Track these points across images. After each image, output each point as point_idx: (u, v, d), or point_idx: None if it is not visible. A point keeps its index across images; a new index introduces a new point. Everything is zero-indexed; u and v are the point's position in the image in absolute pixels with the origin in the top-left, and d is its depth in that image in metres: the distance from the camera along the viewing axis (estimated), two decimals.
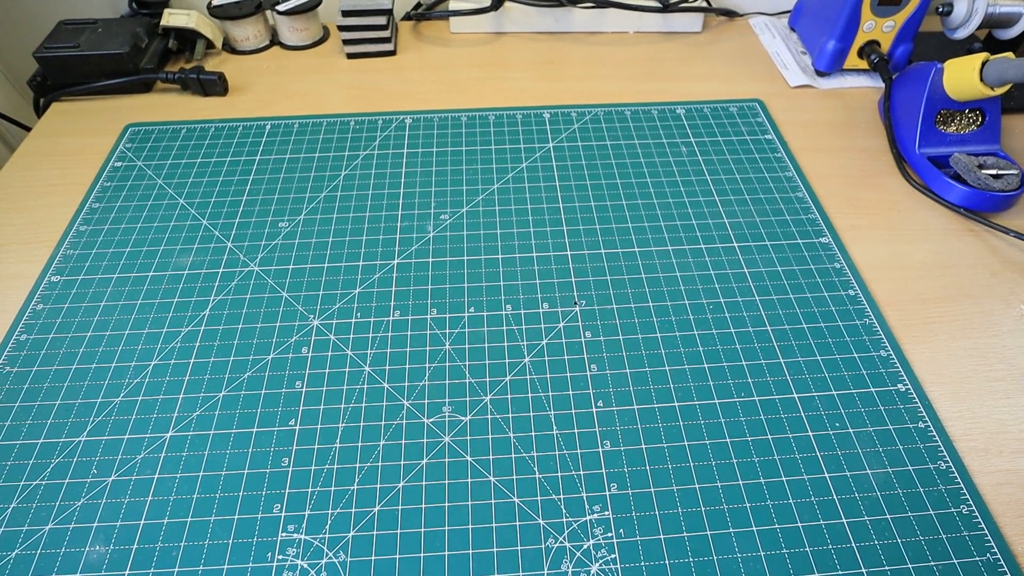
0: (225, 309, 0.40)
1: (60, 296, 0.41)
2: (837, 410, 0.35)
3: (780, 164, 0.50)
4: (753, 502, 0.32)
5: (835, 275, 0.42)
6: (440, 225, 0.45)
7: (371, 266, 0.43)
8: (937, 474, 0.33)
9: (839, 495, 0.32)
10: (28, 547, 0.31)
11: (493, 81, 0.59)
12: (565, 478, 0.33)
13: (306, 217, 0.46)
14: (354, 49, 0.62)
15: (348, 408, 0.36)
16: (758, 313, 0.40)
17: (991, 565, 0.30)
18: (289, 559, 0.30)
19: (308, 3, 0.60)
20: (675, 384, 0.37)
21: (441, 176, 0.49)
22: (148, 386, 0.37)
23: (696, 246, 0.44)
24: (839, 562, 0.30)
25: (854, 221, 0.46)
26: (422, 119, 0.54)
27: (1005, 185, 0.45)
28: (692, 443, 0.34)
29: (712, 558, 0.30)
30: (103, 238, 0.45)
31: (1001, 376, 0.37)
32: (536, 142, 0.52)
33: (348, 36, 0.61)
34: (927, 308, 0.41)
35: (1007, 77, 0.44)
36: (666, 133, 0.53)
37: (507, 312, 0.40)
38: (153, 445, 0.34)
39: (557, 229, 0.45)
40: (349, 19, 0.60)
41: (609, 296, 0.41)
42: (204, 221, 0.46)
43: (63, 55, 0.55)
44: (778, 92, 0.58)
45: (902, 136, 0.51)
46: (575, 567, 0.30)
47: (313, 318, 0.40)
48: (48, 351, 0.38)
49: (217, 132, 0.53)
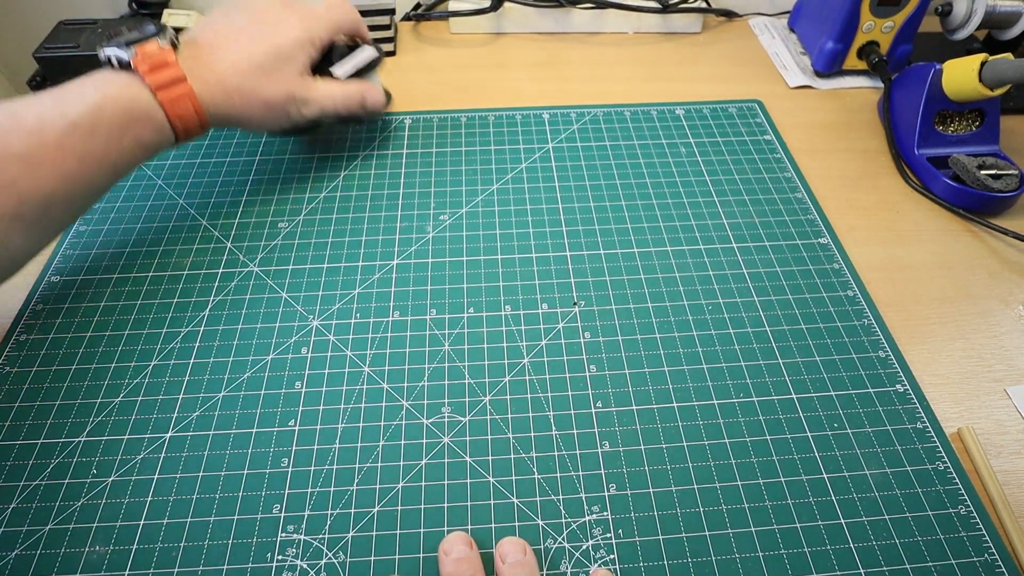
0: (225, 309, 0.40)
1: (60, 296, 0.41)
2: (835, 411, 0.36)
3: (779, 165, 0.50)
4: (751, 503, 0.32)
5: (834, 276, 0.42)
6: (440, 225, 0.46)
7: (371, 266, 0.43)
8: (935, 475, 0.33)
9: (837, 496, 0.32)
10: (28, 547, 0.31)
11: (493, 81, 0.59)
12: (564, 479, 0.33)
13: (306, 217, 0.46)
14: None
15: (347, 409, 0.36)
16: (757, 314, 0.40)
17: (989, 566, 0.30)
18: (289, 559, 0.30)
19: (368, 64, 0.47)
20: (674, 385, 0.37)
21: (441, 176, 0.49)
22: (148, 386, 0.37)
23: (695, 247, 0.44)
24: (837, 563, 0.30)
25: (853, 222, 0.46)
26: (422, 119, 0.54)
27: (1005, 186, 0.45)
28: (691, 444, 0.34)
29: (711, 559, 0.30)
30: (103, 238, 0.45)
31: (1000, 377, 0.37)
32: (536, 142, 0.52)
33: None
34: (926, 309, 0.41)
35: (1006, 78, 0.44)
36: (665, 134, 0.53)
37: (506, 313, 0.40)
38: (153, 445, 0.34)
39: (557, 230, 0.45)
40: None
41: (608, 297, 0.41)
42: (204, 221, 0.46)
43: (63, 55, 0.55)
44: (777, 93, 0.58)
45: (901, 137, 0.51)
46: (574, 567, 0.30)
47: (313, 318, 0.40)
48: (48, 351, 0.38)
49: (217, 132, 0.53)
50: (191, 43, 0.40)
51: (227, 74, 0.40)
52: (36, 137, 0.33)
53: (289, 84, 0.42)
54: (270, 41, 0.41)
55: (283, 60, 0.41)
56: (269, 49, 0.41)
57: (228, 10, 0.43)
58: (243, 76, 0.40)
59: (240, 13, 0.43)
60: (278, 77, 0.41)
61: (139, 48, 0.37)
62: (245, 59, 0.40)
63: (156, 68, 0.37)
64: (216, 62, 0.40)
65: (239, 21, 0.42)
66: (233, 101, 0.40)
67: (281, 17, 0.43)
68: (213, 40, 0.41)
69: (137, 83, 0.37)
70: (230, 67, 0.40)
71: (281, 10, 0.43)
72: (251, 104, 0.41)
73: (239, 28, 0.42)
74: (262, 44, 0.41)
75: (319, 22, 0.44)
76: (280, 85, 0.41)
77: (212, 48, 0.40)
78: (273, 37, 0.42)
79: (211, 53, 0.40)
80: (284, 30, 0.42)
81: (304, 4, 0.44)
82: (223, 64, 0.40)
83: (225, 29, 0.42)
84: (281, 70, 0.41)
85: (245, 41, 0.41)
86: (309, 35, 0.43)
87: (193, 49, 0.40)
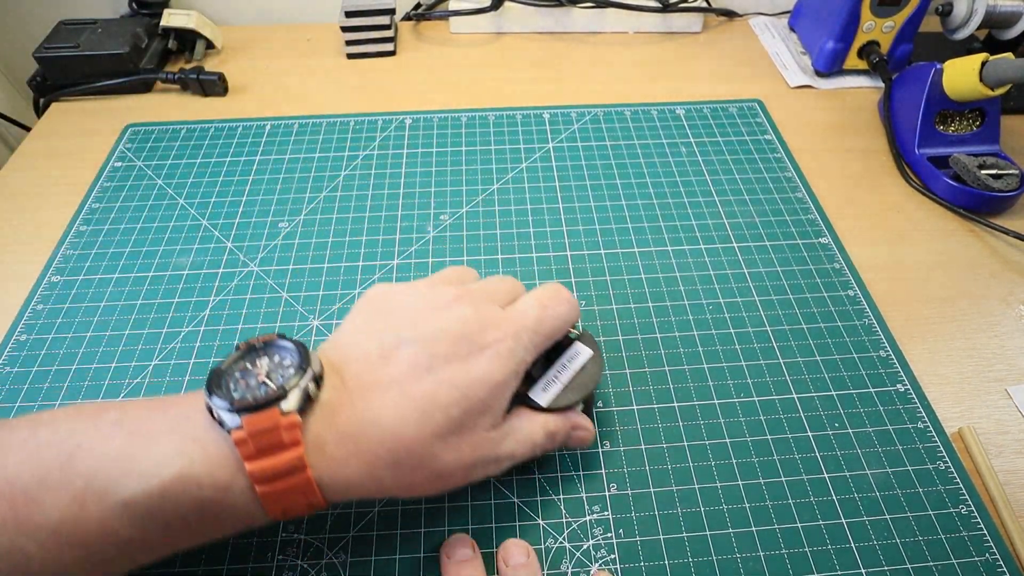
0: (225, 309, 0.40)
1: (60, 296, 0.41)
2: (836, 410, 0.35)
3: (780, 164, 0.50)
4: (752, 502, 0.32)
5: (834, 275, 0.42)
6: (440, 225, 0.46)
7: (371, 266, 0.43)
8: (936, 474, 0.33)
9: (838, 495, 0.32)
10: None
11: (493, 81, 0.59)
12: (565, 478, 0.33)
13: (306, 217, 0.46)
14: (354, 49, 0.62)
15: None
16: (757, 313, 0.40)
17: (990, 565, 0.30)
18: (289, 559, 0.30)
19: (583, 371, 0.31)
20: (674, 384, 0.37)
21: (441, 176, 0.49)
22: (148, 386, 0.37)
23: (696, 246, 0.44)
24: (838, 562, 0.30)
25: (854, 221, 0.46)
26: (422, 119, 0.54)
27: (1005, 185, 0.45)
28: (691, 444, 0.34)
29: (711, 558, 0.30)
30: (103, 238, 0.45)
31: (1000, 376, 0.37)
32: (536, 142, 0.52)
33: (351, 36, 0.61)
34: (926, 308, 0.41)
35: (1006, 77, 0.44)
36: (666, 133, 0.53)
37: None
38: None
39: (557, 229, 0.45)
40: (352, 20, 0.60)
41: (609, 296, 0.41)
42: (204, 221, 0.46)
43: (63, 55, 0.55)
44: (778, 92, 0.58)
45: (902, 136, 0.51)
46: (575, 567, 0.30)
47: (313, 318, 0.40)
48: (48, 351, 0.38)
49: (217, 132, 0.53)
50: (332, 374, 0.26)
51: (382, 444, 0.24)
52: (75, 507, 0.22)
53: (476, 447, 0.26)
54: (458, 386, 0.26)
55: (475, 415, 0.26)
56: (455, 401, 0.25)
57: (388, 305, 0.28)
58: (409, 447, 0.25)
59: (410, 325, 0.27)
60: (462, 441, 0.26)
61: (248, 420, 0.23)
62: (415, 420, 0.25)
63: (265, 451, 0.23)
64: (365, 424, 0.24)
65: (408, 343, 0.26)
66: (382, 482, 0.25)
67: (477, 336, 0.27)
68: (364, 373, 0.26)
69: (232, 466, 0.23)
70: (389, 435, 0.24)
71: (476, 321, 0.27)
72: (411, 480, 0.26)
73: (410, 358, 0.26)
74: (445, 392, 0.25)
75: (534, 338, 0.28)
76: (463, 451, 0.26)
77: (363, 392, 0.25)
78: (464, 377, 0.26)
79: (359, 401, 0.25)
80: (482, 365, 0.26)
81: (507, 300, 0.30)
82: (376, 428, 0.24)
83: (384, 355, 0.26)
84: (470, 430, 0.26)
85: (416, 385, 0.25)
86: (516, 366, 0.27)
87: (333, 394, 0.25)
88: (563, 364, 0.31)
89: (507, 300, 0.30)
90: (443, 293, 0.29)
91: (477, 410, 0.26)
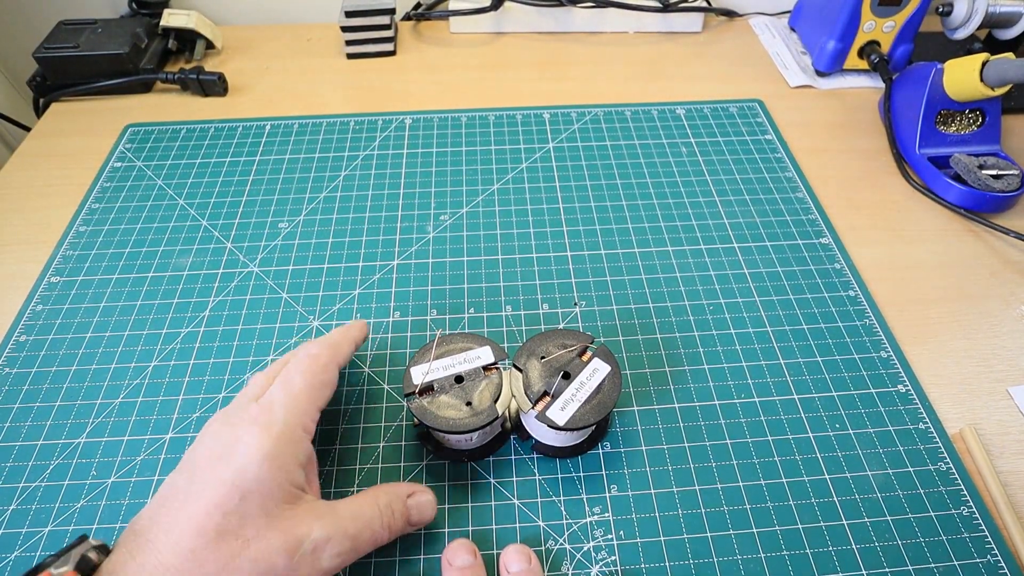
0: (225, 310, 0.40)
1: (60, 296, 0.41)
2: (837, 411, 0.35)
3: (780, 164, 0.50)
4: (753, 503, 0.32)
5: (835, 276, 0.42)
6: (440, 226, 0.45)
7: (371, 267, 0.43)
8: (937, 475, 0.33)
9: (839, 496, 0.32)
10: (27, 549, 0.31)
11: (493, 81, 0.59)
12: (565, 480, 0.33)
13: (306, 217, 0.46)
14: (354, 49, 0.62)
15: (348, 409, 0.36)
16: (758, 314, 0.40)
17: (991, 567, 0.30)
18: None
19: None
20: (675, 385, 0.37)
21: (441, 176, 0.49)
22: (148, 387, 0.37)
23: (696, 246, 0.44)
24: (839, 564, 0.30)
25: (854, 222, 0.46)
26: (422, 119, 0.54)
27: (1005, 185, 0.45)
28: (692, 445, 0.34)
29: (712, 560, 0.30)
30: (103, 238, 0.45)
31: (1001, 377, 0.37)
32: (536, 142, 0.52)
33: (351, 36, 0.61)
34: (927, 309, 0.41)
35: (1007, 77, 0.44)
36: (666, 133, 0.53)
37: (507, 313, 0.40)
38: (153, 447, 0.34)
39: (557, 230, 0.45)
40: (352, 19, 0.59)
41: (609, 297, 0.41)
42: (204, 222, 0.46)
43: (63, 55, 0.55)
44: (778, 92, 0.58)
45: (902, 136, 0.51)
46: (575, 569, 0.30)
47: (313, 319, 0.40)
48: (48, 351, 0.38)
49: (217, 132, 0.53)
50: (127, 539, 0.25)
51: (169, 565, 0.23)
52: None
53: (279, 531, 0.25)
54: (222, 478, 0.25)
55: (251, 497, 0.25)
56: (223, 492, 0.25)
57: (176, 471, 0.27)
58: (192, 556, 0.24)
59: (184, 462, 0.27)
60: (253, 528, 0.25)
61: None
62: (191, 528, 0.24)
63: None
64: (152, 554, 0.24)
65: (182, 474, 0.27)
66: None
67: (231, 432, 0.27)
68: (149, 518, 0.25)
69: None
70: (170, 552, 0.24)
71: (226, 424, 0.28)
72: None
73: (183, 485, 0.26)
74: (212, 489, 0.25)
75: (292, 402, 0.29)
76: (262, 540, 0.25)
77: (146, 533, 0.24)
78: (226, 469, 0.26)
79: (145, 543, 0.24)
80: (241, 451, 0.26)
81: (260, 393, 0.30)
82: (161, 554, 0.24)
83: (164, 494, 0.26)
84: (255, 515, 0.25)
85: (186, 498, 0.25)
86: (286, 428, 0.27)
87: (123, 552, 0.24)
88: (581, 382, 0.31)
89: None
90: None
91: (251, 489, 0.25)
